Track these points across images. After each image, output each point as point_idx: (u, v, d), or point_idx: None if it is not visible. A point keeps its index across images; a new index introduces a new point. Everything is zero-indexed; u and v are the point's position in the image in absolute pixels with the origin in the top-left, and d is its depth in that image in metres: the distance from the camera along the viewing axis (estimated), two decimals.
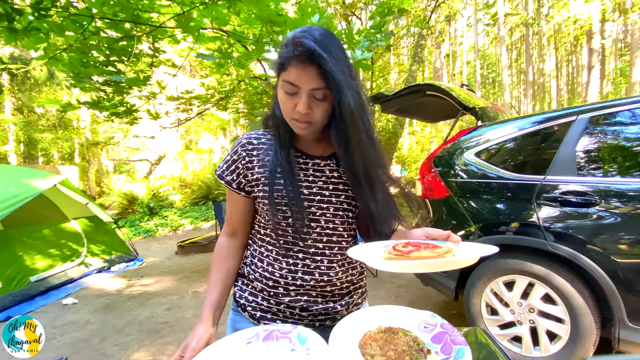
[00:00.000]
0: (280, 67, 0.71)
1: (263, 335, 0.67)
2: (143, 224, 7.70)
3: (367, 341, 0.66)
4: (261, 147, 0.82)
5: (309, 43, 0.66)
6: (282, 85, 0.71)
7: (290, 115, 0.72)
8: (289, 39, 0.70)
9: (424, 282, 2.52)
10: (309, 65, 0.66)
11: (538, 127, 2.03)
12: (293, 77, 0.68)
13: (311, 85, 0.68)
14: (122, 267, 4.68)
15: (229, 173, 0.82)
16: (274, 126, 0.81)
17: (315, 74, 0.67)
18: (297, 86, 0.69)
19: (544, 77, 23.88)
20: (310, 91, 0.69)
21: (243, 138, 0.83)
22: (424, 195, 2.44)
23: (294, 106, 0.71)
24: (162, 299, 3.44)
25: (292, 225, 0.78)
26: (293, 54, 0.67)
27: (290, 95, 0.70)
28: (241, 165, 0.81)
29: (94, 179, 12.19)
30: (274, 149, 0.79)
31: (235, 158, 0.82)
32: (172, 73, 4.18)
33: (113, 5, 3.00)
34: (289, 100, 0.71)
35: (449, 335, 0.67)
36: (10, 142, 13.16)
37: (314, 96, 0.70)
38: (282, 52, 0.70)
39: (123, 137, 10.69)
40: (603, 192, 1.69)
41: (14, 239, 3.76)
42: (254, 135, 0.84)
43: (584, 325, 1.70)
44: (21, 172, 4.12)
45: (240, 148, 0.82)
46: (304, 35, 0.67)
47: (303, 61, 0.66)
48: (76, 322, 2.95)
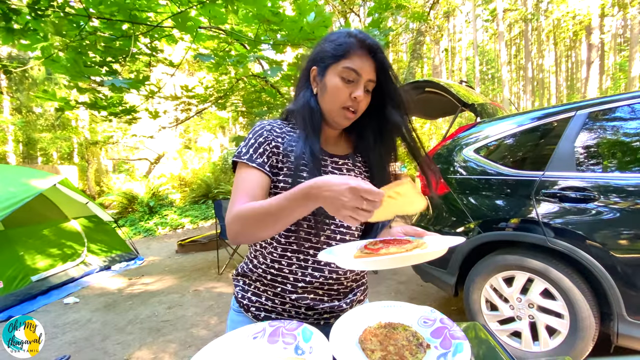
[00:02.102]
0: (341, 55, 0.74)
1: (270, 330, 0.68)
2: (143, 223, 7.70)
3: (367, 336, 0.66)
4: (284, 136, 0.80)
5: (373, 41, 0.74)
6: (340, 72, 0.74)
7: (344, 102, 0.75)
8: (344, 33, 0.77)
9: (424, 279, 2.53)
10: (371, 59, 0.74)
11: (537, 123, 2.04)
12: (357, 65, 0.73)
13: (370, 76, 0.75)
14: (123, 266, 4.69)
15: (257, 156, 0.77)
16: (301, 118, 0.79)
17: (374, 68, 0.75)
18: (359, 74, 0.73)
19: (543, 72, 23.83)
20: (366, 82, 0.75)
21: (266, 124, 0.82)
22: (424, 192, 2.45)
23: (349, 93, 0.74)
24: (163, 297, 3.45)
25: (309, 220, 0.77)
26: (359, 45, 0.74)
27: (348, 82, 0.74)
28: (268, 148, 0.78)
29: (93, 178, 12.18)
30: (298, 141, 0.77)
31: (261, 141, 0.78)
32: (169, 72, 4.16)
33: (110, 5, 2.99)
34: (346, 88, 0.74)
35: (448, 330, 0.67)
36: (9, 142, 13.14)
37: (366, 88, 0.76)
38: (341, 41, 0.75)
39: (122, 136, 10.67)
40: (602, 187, 1.70)
41: (14, 239, 3.77)
42: (276, 124, 0.82)
43: (583, 320, 1.71)
44: (21, 172, 4.12)
45: (266, 132, 0.79)
46: (366, 36, 0.75)
47: (367, 53, 0.74)
48: (78, 321, 2.96)
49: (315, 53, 0.80)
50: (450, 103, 2.76)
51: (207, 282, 3.87)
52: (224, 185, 8.62)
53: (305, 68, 0.82)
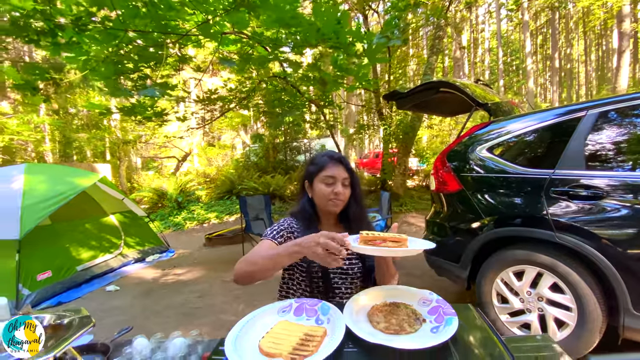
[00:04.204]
0: (319, 170, 1.18)
1: (295, 306, 0.85)
2: (172, 218, 8.13)
3: (374, 312, 0.82)
4: (296, 232, 1.18)
5: (337, 154, 1.21)
6: (322, 179, 1.16)
7: (328, 196, 1.15)
8: (319, 156, 1.23)
9: (438, 273, 2.64)
10: (340, 165, 1.18)
11: (549, 122, 2.10)
12: (331, 172, 1.16)
13: (343, 176, 1.17)
14: (156, 257, 5.04)
15: (278, 236, 1.15)
16: (303, 217, 1.21)
17: (343, 170, 1.17)
18: (334, 177, 1.15)
19: (571, 62, 22.68)
20: (342, 180, 1.16)
21: (286, 222, 1.21)
22: (438, 189, 2.55)
23: (331, 191, 1.15)
24: (194, 287, 3.74)
25: (321, 293, 1.12)
26: (329, 159, 1.18)
27: (328, 185, 1.16)
28: (286, 234, 1.17)
29: (125, 175, 12.87)
30: (305, 232, 1.11)
31: (281, 229, 1.17)
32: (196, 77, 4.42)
33: (143, 17, 3.24)
34: (328, 188, 1.15)
35: (442, 308, 0.82)
36: (47, 142, 14.06)
37: (343, 183, 1.17)
38: (318, 161, 1.20)
39: (151, 135, 11.20)
40: (610, 185, 1.76)
41: (60, 232, 4.15)
42: (293, 223, 1.21)
43: (590, 313, 1.78)
44: (65, 171, 4.50)
45: (287, 229, 1.18)
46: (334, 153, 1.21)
47: (336, 163, 1.18)
48: (119, 307, 3.28)
49: (305, 173, 1.24)
50: (466, 102, 2.83)
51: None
52: (247, 181, 8.92)
53: (301, 183, 1.26)
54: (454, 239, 2.41)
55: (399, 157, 7.87)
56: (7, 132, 10.12)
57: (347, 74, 4.06)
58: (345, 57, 3.73)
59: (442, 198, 2.54)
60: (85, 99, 11.91)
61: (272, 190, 8.45)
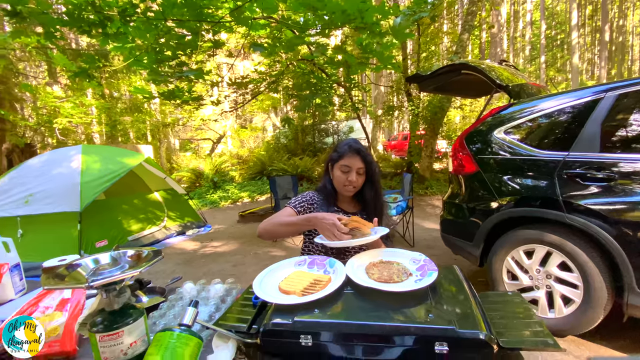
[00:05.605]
0: (339, 157, 1.35)
1: (309, 261, 1.07)
2: (208, 196, 8.70)
3: (371, 266, 1.02)
4: (316, 204, 1.41)
5: (356, 145, 1.36)
6: (339, 167, 1.34)
7: (343, 183, 1.34)
8: (342, 144, 1.38)
9: (454, 251, 2.76)
10: (357, 155, 1.33)
11: (565, 104, 2.11)
12: (348, 162, 1.33)
13: (358, 166, 1.33)
14: (195, 232, 5.53)
15: (299, 206, 1.39)
16: (324, 193, 1.43)
17: (360, 160, 1.33)
18: (349, 167, 1.33)
19: (624, 35, 20.42)
20: (357, 169, 1.33)
21: (309, 194, 1.44)
22: (455, 171, 2.64)
23: (346, 178, 1.33)
24: (229, 257, 4.13)
25: (334, 255, 1.29)
26: (348, 150, 1.34)
27: (344, 172, 1.34)
28: (306, 205, 1.40)
29: (164, 156, 13.73)
30: (324, 206, 1.40)
31: (303, 201, 1.41)
32: (229, 62, 4.67)
33: (180, 6, 3.49)
34: (343, 175, 1.34)
35: (427, 265, 1.00)
36: (94, 124, 15.19)
37: (358, 172, 1.34)
38: (340, 149, 1.37)
39: (187, 118, 11.79)
40: (622, 168, 1.79)
41: (114, 206, 4.69)
42: (315, 197, 1.43)
43: (596, 291, 1.86)
44: (116, 152, 5.00)
45: (308, 201, 1.41)
46: (355, 143, 1.37)
47: (354, 153, 1.33)
48: (165, 271, 3.73)
49: (329, 157, 1.42)
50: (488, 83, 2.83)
51: (264, 247, 4.49)
52: (277, 163, 9.26)
53: (326, 165, 1.45)
54: (468, 219, 2.52)
55: (426, 139, 7.79)
56: (62, 115, 11.09)
57: (372, 56, 4.11)
58: (370, 37, 3.76)
59: (459, 179, 2.63)
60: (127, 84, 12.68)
61: (299, 172, 8.73)
